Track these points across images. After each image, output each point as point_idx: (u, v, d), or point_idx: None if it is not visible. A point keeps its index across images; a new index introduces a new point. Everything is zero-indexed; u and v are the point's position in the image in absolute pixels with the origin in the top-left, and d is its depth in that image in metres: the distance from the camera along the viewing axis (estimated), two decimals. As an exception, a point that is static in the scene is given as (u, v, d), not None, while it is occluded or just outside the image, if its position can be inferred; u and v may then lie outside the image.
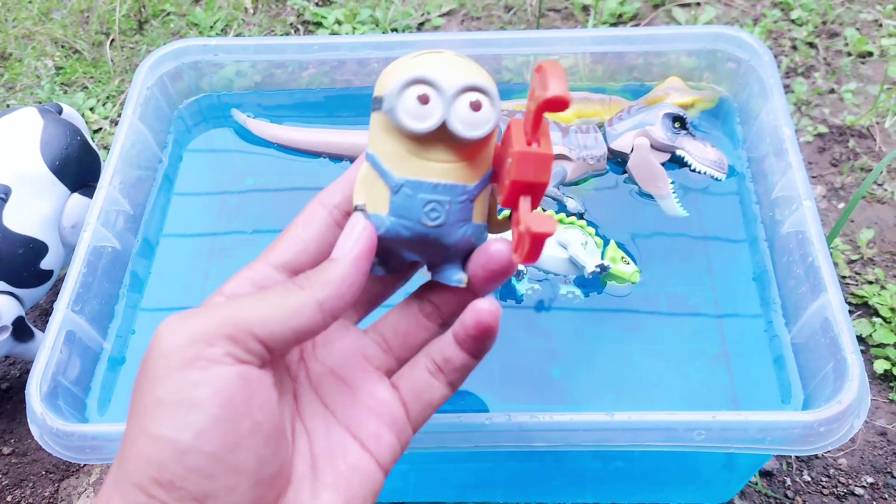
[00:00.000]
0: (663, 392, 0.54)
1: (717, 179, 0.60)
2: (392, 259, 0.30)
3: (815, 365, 0.48)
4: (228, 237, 0.63)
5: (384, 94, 0.28)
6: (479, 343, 0.29)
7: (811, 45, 0.88)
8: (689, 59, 0.65)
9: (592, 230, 0.57)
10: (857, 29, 0.89)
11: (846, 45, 0.87)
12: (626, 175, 0.61)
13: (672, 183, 0.60)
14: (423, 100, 0.27)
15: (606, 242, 0.57)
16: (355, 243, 0.27)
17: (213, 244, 0.63)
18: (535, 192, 0.28)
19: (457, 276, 0.30)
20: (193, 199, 0.65)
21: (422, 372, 0.30)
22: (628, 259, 0.57)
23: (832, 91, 0.84)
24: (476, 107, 0.27)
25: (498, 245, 0.29)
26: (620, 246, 0.58)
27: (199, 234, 0.63)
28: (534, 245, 0.26)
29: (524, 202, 0.27)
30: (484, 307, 0.28)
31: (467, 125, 0.27)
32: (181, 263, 0.60)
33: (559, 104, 0.25)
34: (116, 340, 0.54)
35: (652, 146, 0.60)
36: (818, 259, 0.48)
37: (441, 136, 0.27)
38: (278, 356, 0.27)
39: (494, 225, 0.31)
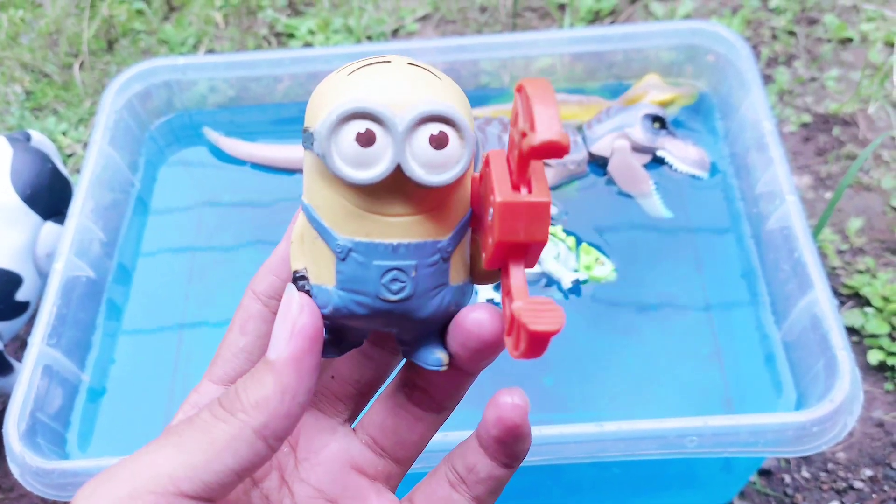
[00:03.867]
0: (657, 395, 0.53)
1: (699, 178, 0.59)
2: (349, 334, 0.23)
3: (806, 362, 0.47)
4: (207, 257, 0.62)
5: (314, 130, 0.20)
6: (508, 449, 0.23)
7: (791, 33, 0.87)
8: (669, 53, 0.64)
9: (564, 235, 0.56)
10: (837, 15, 0.88)
11: (826, 31, 0.87)
12: (607, 177, 0.60)
13: (654, 183, 0.59)
14: (366, 140, 0.20)
15: (579, 243, 0.57)
16: (292, 337, 0.21)
17: (192, 265, 0.61)
18: (530, 253, 0.21)
19: (434, 357, 0.23)
20: (169, 220, 0.64)
21: (440, 483, 0.24)
22: (602, 259, 0.56)
23: (814, 79, 0.83)
24: (440, 143, 0.20)
25: (477, 316, 0.22)
26: (593, 245, 0.57)
27: (176, 256, 0.62)
28: (532, 345, 0.20)
29: (516, 271, 0.21)
30: (506, 401, 0.22)
31: (430, 168, 0.20)
32: (160, 287, 0.59)
33: (554, 150, 0.18)
34: (95, 371, 0.53)
35: (632, 148, 0.59)
36: (804, 254, 0.48)
37: (397, 183, 0.20)
38: (226, 496, 0.22)
39: (479, 275, 0.23)
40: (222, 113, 0.66)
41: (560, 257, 0.56)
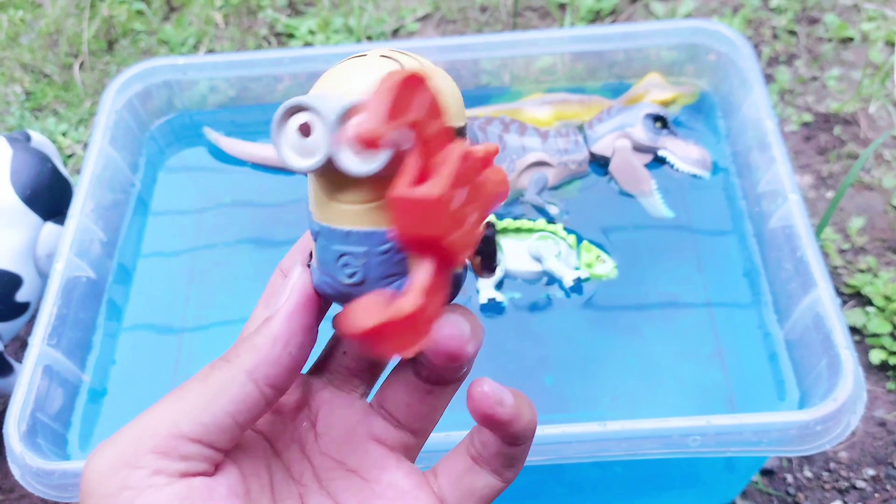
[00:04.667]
0: (659, 395, 0.53)
1: (701, 178, 0.59)
2: None
3: (809, 361, 0.47)
4: (208, 257, 0.61)
5: None
6: (503, 432, 0.24)
7: (792, 32, 0.87)
8: (670, 52, 0.64)
9: (565, 233, 0.56)
10: (837, 14, 0.88)
11: (826, 31, 0.87)
12: (609, 177, 0.60)
13: (655, 183, 0.59)
14: (304, 130, 0.21)
15: (580, 241, 0.57)
16: (290, 294, 0.23)
17: (193, 265, 0.61)
18: (445, 250, 0.20)
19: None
20: (170, 221, 0.63)
21: (462, 456, 0.25)
22: (604, 257, 0.56)
23: (815, 78, 0.83)
24: None
25: (446, 329, 0.22)
26: (594, 243, 0.57)
27: (177, 256, 0.62)
28: (365, 343, 0.19)
29: (419, 267, 0.20)
30: (476, 392, 0.23)
31: (360, 158, 0.21)
32: (160, 287, 0.59)
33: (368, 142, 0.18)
34: (96, 371, 0.53)
35: (634, 148, 0.59)
36: (807, 253, 0.47)
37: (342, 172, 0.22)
38: (234, 449, 0.23)
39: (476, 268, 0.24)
40: (222, 113, 0.66)
41: (561, 255, 0.56)
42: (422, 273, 0.20)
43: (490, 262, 0.22)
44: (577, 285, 0.56)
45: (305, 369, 0.26)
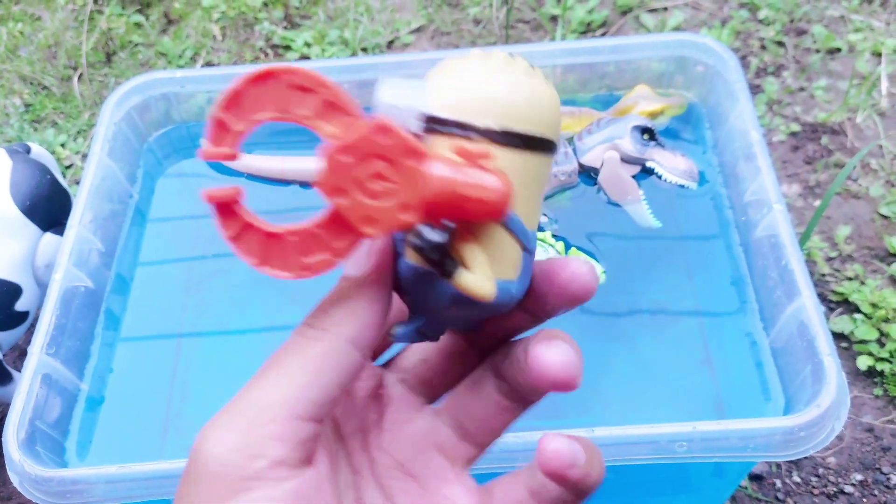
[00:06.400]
0: (649, 402, 0.54)
1: (688, 188, 0.60)
2: (432, 324, 0.24)
3: (793, 368, 0.48)
4: (204, 267, 0.62)
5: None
6: (567, 486, 0.22)
7: (780, 43, 0.89)
8: (659, 64, 0.65)
9: (553, 240, 0.57)
10: (825, 26, 0.89)
11: (814, 42, 0.88)
12: (598, 187, 0.61)
13: (643, 193, 0.60)
14: None
15: (568, 247, 0.58)
16: (370, 255, 0.22)
17: (190, 275, 0.62)
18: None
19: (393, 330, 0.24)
20: (167, 231, 0.64)
21: (520, 486, 0.24)
22: (591, 262, 0.57)
23: (803, 89, 0.84)
24: None
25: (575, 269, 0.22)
26: (582, 249, 0.58)
27: (174, 266, 0.63)
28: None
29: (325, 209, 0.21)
30: (548, 449, 0.22)
31: None
32: (158, 297, 0.60)
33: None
34: (94, 380, 0.54)
35: (622, 159, 0.60)
36: (791, 262, 0.48)
37: None
38: (331, 413, 0.23)
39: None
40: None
41: None
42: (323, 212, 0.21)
43: (440, 267, 0.21)
44: None
45: (380, 362, 0.26)
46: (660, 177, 0.60)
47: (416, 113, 0.21)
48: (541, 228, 0.59)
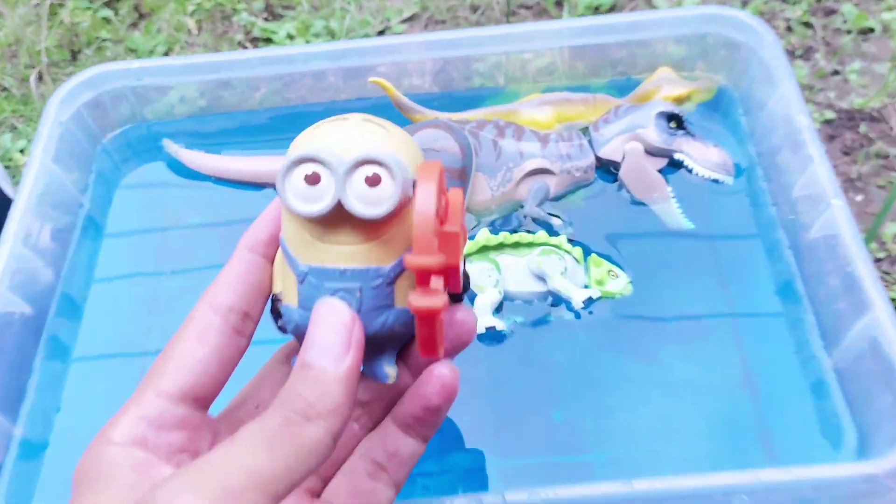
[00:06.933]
0: (682, 431, 0.46)
1: (723, 183, 0.52)
2: None
3: (866, 396, 0.40)
4: (173, 284, 0.54)
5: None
6: (435, 418, 0.26)
7: (807, 24, 0.81)
8: (678, 47, 0.57)
9: (570, 246, 0.50)
10: (855, 4, 0.82)
11: (844, 22, 0.80)
12: (618, 184, 0.53)
13: (671, 190, 0.52)
14: (312, 180, 0.24)
15: (587, 254, 0.50)
16: (351, 348, 0.23)
17: (156, 294, 0.54)
18: (447, 272, 0.24)
19: (383, 371, 0.26)
20: (128, 244, 0.57)
21: (361, 479, 0.26)
22: (616, 271, 0.50)
23: (836, 73, 0.77)
24: (373, 182, 0.24)
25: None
26: (604, 257, 0.50)
27: (136, 283, 0.55)
28: (421, 327, 0.23)
29: (436, 281, 0.24)
30: (445, 372, 0.25)
31: (366, 203, 0.24)
32: (116, 319, 0.52)
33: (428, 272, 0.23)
34: (32, 422, 0.46)
35: (646, 151, 0.52)
36: (858, 268, 0.41)
37: (342, 217, 0.24)
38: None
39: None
40: (185, 122, 0.59)
41: (567, 272, 0.49)
42: (438, 284, 0.24)
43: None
44: (587, 306, 0.49)
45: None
46: (690, 170, 0.52)
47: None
48: (555, 233, 0.51)
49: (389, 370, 0.26)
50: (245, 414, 0.27)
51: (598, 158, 0.52)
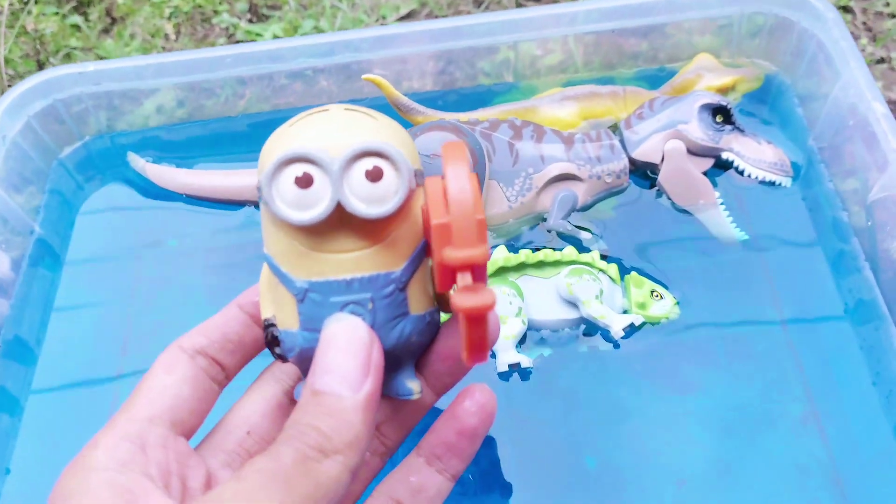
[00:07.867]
0: (739, 476, 0.40)
1: (779, 186, 0.45)
2: None
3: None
4: (145, 320, 0.47)
5: (259, 179, 0.22)
6: (471, 446, 0.25)
7: (845, 9, 0.74)
8: (716, 29, 0.51)
9: (604, 263, 0.43)
10: (896, -15, 0.75)
11: (887, 5, 0.74)
12: (657, 189, 0.46)
13: (720, 195, 0.45)
14: (304, 182, 0.21)
15: (624, 272, 0.43)
16: (371, 373, 0.21)
17: (129, 325, 0.47)
18: (475, 267, 0.21)
19: (406, 387, 0.24)
20: (93, 272, 0.49)
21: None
22: (660, 291, 0.43)
23: (882, 60, 0.70)
24: (375, 176, 0.22)
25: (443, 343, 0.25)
26: (644, 275, 0.44)
27: (103, 317, 0.48)
28: (471, 329, 0.20)
29: (463, 278, 0.21)
30: (480, 392, 0.25)
31: (369, 201, 0.22)
32: (81, 357, 0.45)
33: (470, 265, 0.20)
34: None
35: (689, 151, 0.45)
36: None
37: (341, 220, 0.22)
38: None
39: (442, 303, 0.25)
40: (155, 132, 0.52)
41: (603, 295, 0.42)
42: (466, 279, 0.21)
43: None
44: (629, 334, 0.43)
45: None
46: (741, 172, 0.45)
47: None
48: (585, 249, 0.44)
49: (412, 384, 0.24)
50: (234, 442, 0.25)
51: (631, 161, 0.45)
